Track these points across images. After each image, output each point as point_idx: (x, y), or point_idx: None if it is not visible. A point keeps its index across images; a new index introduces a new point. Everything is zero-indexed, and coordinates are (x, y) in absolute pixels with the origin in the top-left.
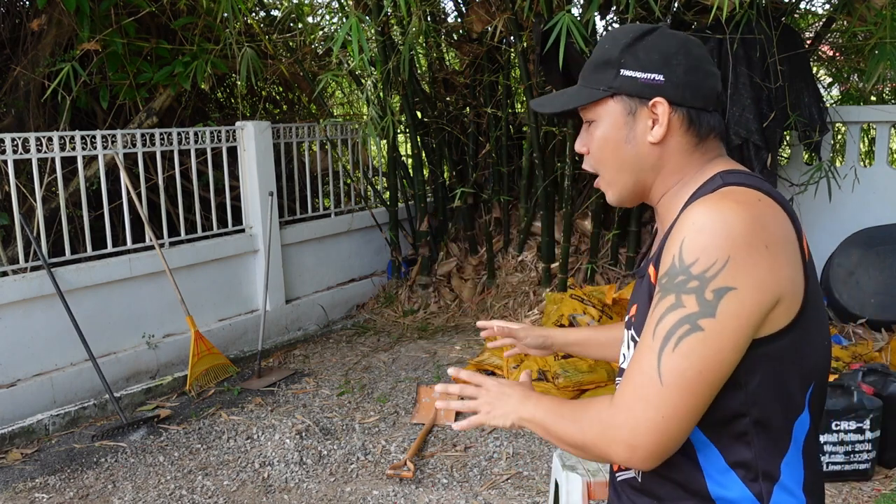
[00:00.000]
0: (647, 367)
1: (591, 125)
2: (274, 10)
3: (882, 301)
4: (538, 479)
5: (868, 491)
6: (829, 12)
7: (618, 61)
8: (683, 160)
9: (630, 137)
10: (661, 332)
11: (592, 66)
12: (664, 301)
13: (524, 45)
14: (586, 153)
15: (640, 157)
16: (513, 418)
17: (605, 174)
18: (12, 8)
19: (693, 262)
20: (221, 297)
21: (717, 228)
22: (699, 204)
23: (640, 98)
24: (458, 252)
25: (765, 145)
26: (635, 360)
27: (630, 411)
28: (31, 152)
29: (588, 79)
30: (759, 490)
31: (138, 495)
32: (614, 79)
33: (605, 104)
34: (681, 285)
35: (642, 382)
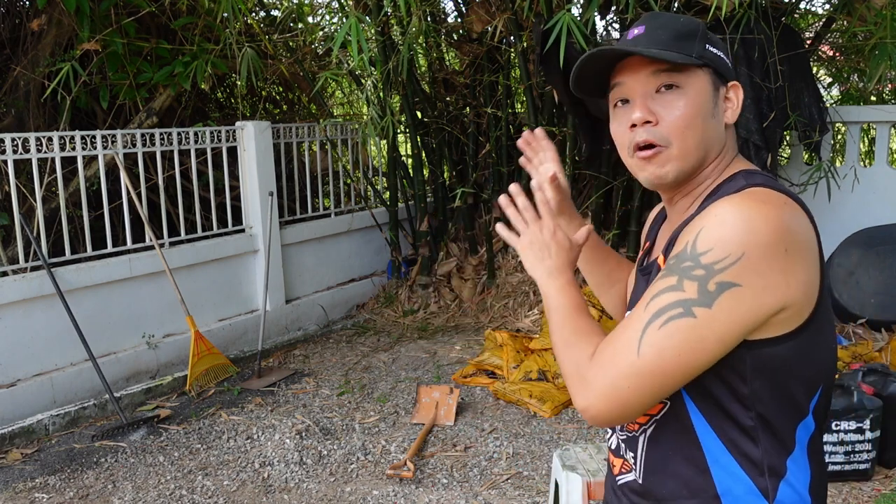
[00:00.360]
0: (630, 335)
1: (671, 92)
2: (274, 10)
3: (882, 301)
4: (538, 479)
5: (868, 491)
6: (829, 12)
7: (702, 36)
8: (731, 148)
9: (715, 112)
10: (654, 307)
11: (674, 34)
12: (665, 280)
13: (524, 45)
14: (654, 123)
15: (718, 135)
16: (536, 277)
17: (679, 146)
18: (12, 8)
19: (705, 251)
20: (221, 297)
21: (738, 224)
22: (725, 200)
23: (722, 76)
24: (458, 252)
25: (765, 145)
26: (623, 325)
27: (601, 369)
28: (31, 152)
29: (673, 45)
30: (764, 485)
31: (138, 495)
32: (704, 50)
33: (695, 73)
34: (686, 270)
35: (621, 348)
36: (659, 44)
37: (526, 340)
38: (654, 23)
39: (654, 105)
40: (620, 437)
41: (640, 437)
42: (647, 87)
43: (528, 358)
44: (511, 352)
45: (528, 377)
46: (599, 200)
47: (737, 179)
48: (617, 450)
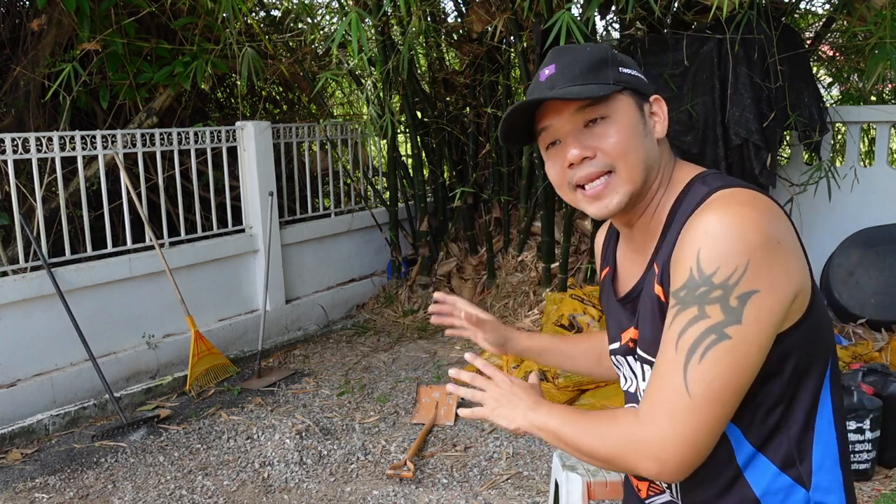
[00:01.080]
0: (673, 381)
1: (599, 123)
2: (274, 10)
3: (882, 301)
4: (538, 479)
5: (868, 491)
6: (829, 12)
7: (614, 59)
8: (667, 160)
9: (647, 131)
10: (685, 345)
11: (586, 66)
12: (685, 314)
13: (524, 45)
14: (591, 156)
15: (654, 152)
16: (520, 422)
17: (624, 168)
18: (12, 8)
19: (714, 271)
20: (221, 297)
21: (731, 234)
22: (704, 212)
23: (641, 94)
24: (458, 252)
25: (765, 145)
26: (658, 375)
27: (658, 426)
28: (31, 152)
29: (588, 77)
30: (797, 474)
31: (138, 495)
32: (619, 75)
33: (616, 98)
34: (703, 296)
35: (669, 397)
36: (573, 79)
37: None
38: (564, 59)
39: (586, 140)
40: None
41: None
42: (575, 125)
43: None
44: None
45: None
46: None
47: (696, 187)
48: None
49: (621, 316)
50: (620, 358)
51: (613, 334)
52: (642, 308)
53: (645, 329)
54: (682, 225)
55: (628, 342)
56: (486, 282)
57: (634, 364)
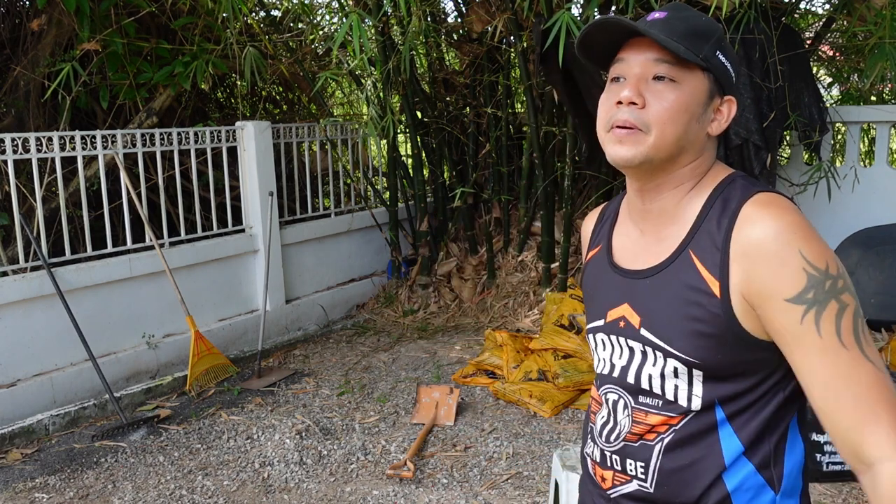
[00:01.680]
0: (868, 376)
1: (666, 83)
2: (274, 10)
3: (882, 301)
4: (538, 479)
5: None
6: (829, 12)
7: (717, 41)
8: (709, 159)
9: (702, 118)
10: (850, 338)
11: (691, 29)
12: (828, 311)
13: (524, 45)
14: (640, 105)
15: (698, 140)
16: None
17: (656, 134)
18: (12, 8)
19: (826, 266)
20: (221, 297)
21: (810, 230)
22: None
23: (721, 87)
24: (458, 252)
25: (765, 145)
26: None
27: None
28: (31, 152)
29: (686, 40)
30: (770, 476)
31: (138, 495)
32: (713, 55)
33: (695, 72)
34: (832, 289)
35: (879, 390)
36: (673, 33)
37: (526, 340)
38: (676, 13)
39: (645, 90)
40: (612, 448)
41: (655, 445)
42: (645, 71)
43: (528, 358)
44: (511, 352)
45: (528, 377)
46: (599, 200)
47: (735, 182)
48: (604, 461)
49: (615, 292)
50: (602, 336)
51: (597, 312)
52: (655, 290)
53: (661, 313)
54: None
55: (618, 320)
56: (486, 282)
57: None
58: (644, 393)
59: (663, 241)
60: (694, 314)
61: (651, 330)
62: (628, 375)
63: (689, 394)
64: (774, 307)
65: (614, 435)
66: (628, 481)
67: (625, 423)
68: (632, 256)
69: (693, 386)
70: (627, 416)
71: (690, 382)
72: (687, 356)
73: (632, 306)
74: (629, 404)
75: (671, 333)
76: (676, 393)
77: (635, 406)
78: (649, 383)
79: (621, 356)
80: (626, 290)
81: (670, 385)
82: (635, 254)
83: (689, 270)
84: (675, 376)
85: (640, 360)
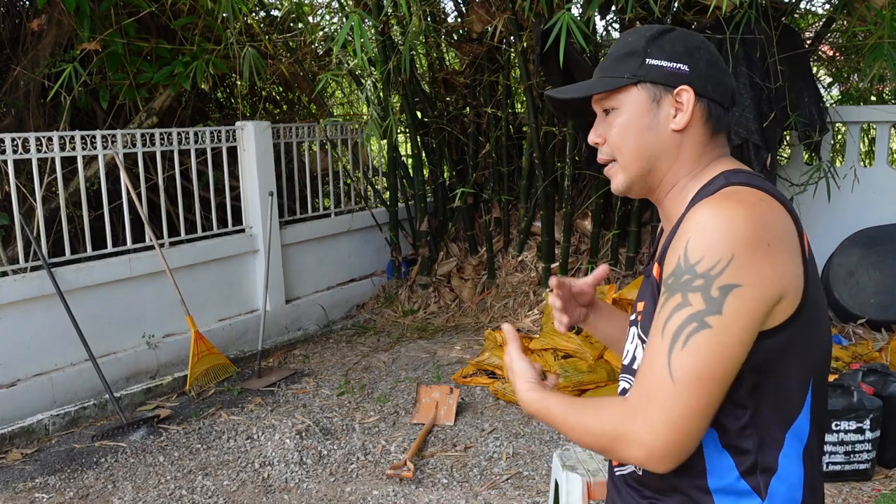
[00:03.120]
0: (657, 368)
1: (611, 113)
2: (274, 10)
3: (882, 301)
4: (538, 479)
5: (868, 491)
6: (829, 12)
7: (643, 51)
8: (697, 152)
9: (653, 124)
10: (670, 331)
11: (614, 57)
12: (671, 301)
13: (524, 45)
14: (601, 143)
15: (661, 144)
16: (519, 397)
17: (621, 160)
18: (12, 8)
19: (697, 260)
20: (221, 297)
21: (720, 227)
22: (703, 205)
23: (666, 86)
24: (458, 252)
25: (764, 145)
26: (646, 362)
27: (644, 412)
28: (31, 152)
29: (610, 69)
30: (756, 483)
31: (138, 495)
32: (639, 67)
33: (628, 92)
34: (686, 284)
35: (654, 383)
36: (604, 69)
37: (526, 340)
38: (612, 48)
39: (601, 127)
40: None
41: None
42: (599, 112)
43: (529, 358)
44: None
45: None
46: (599, 200)
47: (717, 180)
48: None
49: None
50: (632, 329)
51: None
52: (645, 285)
53: (646, 306)
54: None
55: (637, 314)
56: (486, 282)
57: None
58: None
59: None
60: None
61: (640, 323)
62: (634, 364)
63: None
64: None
65: None
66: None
67: None
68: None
69: None
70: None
71: None
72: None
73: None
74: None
75: (648, 324)
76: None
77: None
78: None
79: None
80: (644, 285)
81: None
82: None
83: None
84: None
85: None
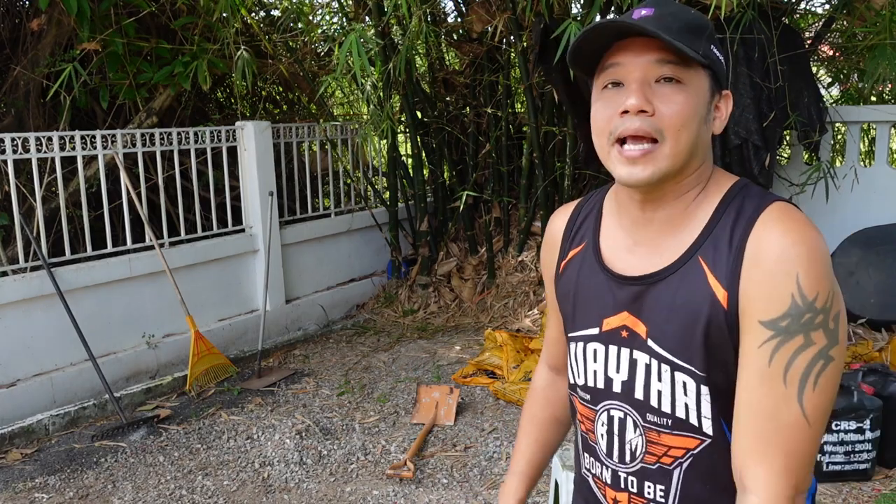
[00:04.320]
0: (790, 418)
1: (673, 86)
2: (274, 10)
3: (882, 301)
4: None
5: (868, 491)
6: (829, 12)
7: (711, 35)
8: (709, 157)
9: (708, 118)
10: (796, 377)
11: (685, 25)
12: (790, 344)
13: (524, 45)
14: (650, 113)
15: (705, 143)
16: None
17: (672, 143)
18: (12, 8)
19: (815, 297)
20: (221, 297)
21: (821, 257)
22: (784, 229)
23: (719, 83)
24: (458, 252)
25: (765, 145)
26: (769, 416)
27: (791, 472)
28: (31, 152)
29: (683, 37)
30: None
31: (138, 495)
32: (709, 50)
33: (697, 72)
34: (808, 324)
35: (791, 436)
36: (668, 31)
37: (526, 340)
38: (664, 9)
39: (650, 95)
40: (629, 469)
41: (674, 470)
42: (648, 75)
43: (528, 358)
44: (511, 352)
45: (528, 377)
46: None
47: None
48: (617, 483)
49: (609, 298)
50: (597, 346)
51: (587, 319)
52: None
53: (668, 323)
54: (746, 234)
55: (619, 329)
56: (486, 282)
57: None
58: (652, 411)
59: (665, 249)
60: (702, 324)
61: (659, 341)
62: (635, 391)
63: (698, 413)
64: (748, 325)
65: (629, 456)
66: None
67: (637, 443)
68: (625, 262)
69: (701, 405)
70: (640, 435)
71: (699, 400)
72: (695, 370)
73: (634, 315)
74: (638, 423)
75: (679, 345)
76: (687, 412)
77: (645, 425)
78: (658, 400)
79: (619, 369)
80: (624, 296)
81: (680, 403)
82: (629, 261)
83: (697, 277)
84: (685, 393)
85: (644, 374)
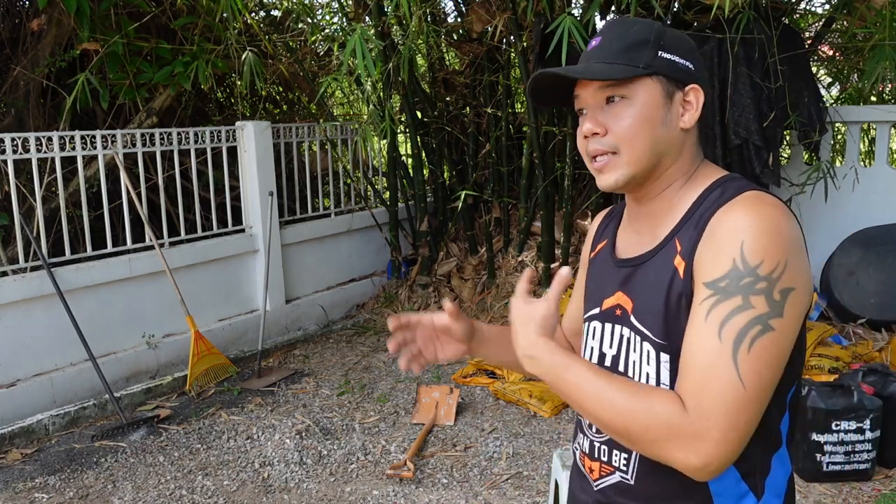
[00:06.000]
0: (722, 371)
1: (618, 103)
2: (274, 10)
3: (882, 301)
4: (538, 479)
5: (868, 491)
6: (829, 12)
7: (656, 43)
8: (693, 153)
9: (666, 120)
10: (731, 334)
11: (625, 45)
12: (728, 302)
13: (524, 45)
14: (602, 133)
15: (670, 141)
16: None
17: (627, 154)
18: (12, 8)
19: (758, 263)
20: (221, 297)
21: (774, 231)
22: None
23: (677, 82)
24: (458, 252)
25: (765, 145)
26: (703, 363)
27: (713, 420)
28: (31, 152)
29: (620, 56)
30: (754, 483)
31: (138, 495)
32: (654, 59)
33: (642, 82)
34: (748, 287)
35: (723, 389)
36: (609, 56)
37: None
38: (610, 34)
39: (603, 116)
40: (601, 438)
41: None
42: (597, 100)
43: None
44: None
45: (528, 377)
46: (599, 200)
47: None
48: (592, 453)
49: (609, 281)
50: (597, 324)
51: (594, 301)
52: (643, 277)
53: (644, 298)
54: (713, 213)
55: (614, 308)
56: (486, 282)
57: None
58: None
59: (655, 235)
60: (663, 294)
61: (637, 316)
62: (619, 364)
63: (657, 381)
64: (696, 289)
65: None
66: (612, 473)
67: None
68: (625, 250)
69: (661, 372)
70: None
71: (658, 368)
72: (655, 338)
73: (625, 293)
74: None
75: (649, 317)
76: (648, 380)
77: None
78: (633, 371)
79: (612, 345)
80: (621, 278)
81: (644, 372)
82: (628, 248)
83: (669, 254)
84: (647, 362)
85: (626, 348)
